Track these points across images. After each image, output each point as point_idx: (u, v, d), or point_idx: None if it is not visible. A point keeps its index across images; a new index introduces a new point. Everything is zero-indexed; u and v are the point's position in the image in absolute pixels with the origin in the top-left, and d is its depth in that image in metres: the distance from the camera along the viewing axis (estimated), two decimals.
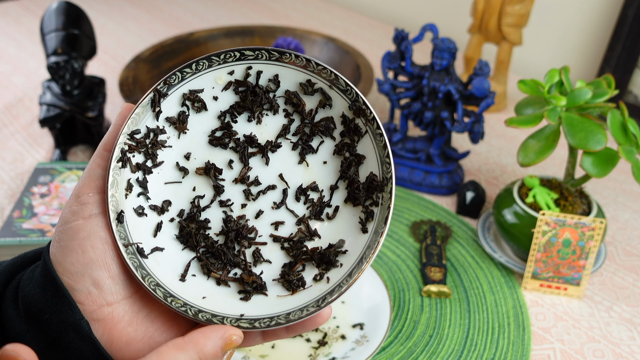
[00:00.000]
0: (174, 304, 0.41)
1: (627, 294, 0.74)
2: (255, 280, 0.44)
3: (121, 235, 0.41)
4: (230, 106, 0.47)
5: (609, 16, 1.17)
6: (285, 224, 0.46)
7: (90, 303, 0.40)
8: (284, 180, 0.47)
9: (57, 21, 0.92)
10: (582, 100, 0.68)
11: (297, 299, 0.43)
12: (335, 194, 0.47)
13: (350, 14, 1.61)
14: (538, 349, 0.66)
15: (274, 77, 0.46)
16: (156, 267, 0.43)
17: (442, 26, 1.35)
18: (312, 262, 0.45)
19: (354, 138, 0.46)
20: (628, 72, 1.10)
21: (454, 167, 0.91)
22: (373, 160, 0.45)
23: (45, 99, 0.92)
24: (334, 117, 0.47)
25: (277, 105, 0.47)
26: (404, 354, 0.65)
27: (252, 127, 0.47)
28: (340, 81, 0.45)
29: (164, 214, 0.45)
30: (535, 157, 0.70)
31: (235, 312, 0.42)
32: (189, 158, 0.46)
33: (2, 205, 0.84)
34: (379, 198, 0.45)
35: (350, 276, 0.43)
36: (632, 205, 0.90)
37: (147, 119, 0.44)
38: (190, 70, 0.45)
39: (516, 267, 0.75)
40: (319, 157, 0.47)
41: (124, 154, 0.43)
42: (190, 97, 0.46)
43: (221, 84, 0.46)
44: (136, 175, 0.44)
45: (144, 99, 0.44)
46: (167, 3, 1.65)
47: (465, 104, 0.85)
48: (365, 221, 0.45)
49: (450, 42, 0.84)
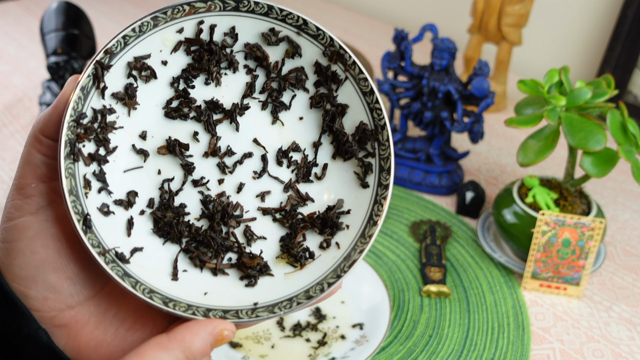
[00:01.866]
0: (177, 309, 0.36)
1: (626, 293, 0.74)
2: (259, 262, 0.40)
3: (93, 243, 0.36)
4: (183, 70, 0.41)
5: (609, 16, 1.17)
6: (272, 193, 0.42)
7: (48, 309, 0.36)
8: (260, 145, 0.42)
9: (57, 21, 0.92)
10: (581, 100, 0.68)
11: (309, 272, 0.39)
12: (320, 151, 0.42)
13: (350, 14, 1.61)
14: (537, 349, 0.66)
15: (230, 30, 0.41)
16: (141, 270, 0.37)
17: (441, 26, 1.35)
18: (314, 229, 0.41)
19: (331, 87, 0.41)
20: (628, 72, 1.10)
21: (453, 167, 0.91)
22: (359, 109, 0.41)
23: (45, 99, 0.92)
24: (305, 67, 0.42)
25: (236, 62, 0.41)
26: (404, 354, 0.65)
27: (211, 91, 0.42)
28: (310, 26, 0.40)
29: (131, 207, 0.40)
30: (535, 157, 0.70)
31: (247, 302, 0.38)
32: (146, 137, 0.40)
33: (2, 205, 0.84)
34: (374, 148, 0.40)
35: (363, 237, 0.39)
36: (631, 205, 0.90)
37: (91, 99, 0.38)
38: (133, 33, 0.38)
39: (516, 267, 0.75)
40: (294, 113, 0.42)
41: (73, 145, 0.36)
42: (136, 66, 0.39)
43: (169, 45, 0.40)
44: (91, 168, 0.38)
45: (84, 75, 0.37)
46: (167, 3, 1.65)
47: (465, 104, 0.85)
48: (364, 175, 0.41)
49: (450, 42, 0.84)
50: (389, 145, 0.40)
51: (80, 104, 0.37)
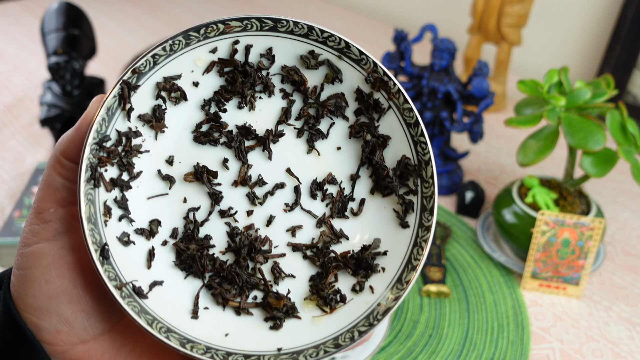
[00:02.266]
0: (195, 351, 0.33)
1: (625, 293, 0.74)
2: (286, 303, 0.37)
3: (110, 275, 0.34)
4: (215, 92, 0.39)
5: (609, 16, 1.17)
6: (304, 227, 0.39)
7: (60, 343, 0.34)
8: (293, 175, 0.39)
9: (57, 21, 0.92)
10: (581, 101, 0.68)
11: (339, 317, 0.36)
12: (357, 185, 0.39)
13: (350, 14, 1.61)
14: (537, 349, 0.66)
15: (266, 51, 0.38)
16: (160, 306, 0.35)
17: (441, 26, 1.35)
18: (347, 269, 0.38)
19: (373, 116, 0.38)
20: (627, 72, 1.11)
21: (453, 167, 0.91)
22: (402, 141, 0.38)
23: (45, 99, 0.92)
24: (346, 94, 0.39)
25: (272, 85, 0.39)
26: (404, 354, 0.65)
27: (244, 115, 0.39)
28: (353, 49, 0.37)
29: (153, 237, 0.37)
30: (535, 157, 0.70)
31: (270, 347, 0.35)
32: (173, 162, 0.38)
33: (3, 205, 0.84)
34: (417, 185, 0.37)
35: (400, 282, 0.36)
36: (631, 205, 0.90)
37: (116, 120, 0.36)
38: (163, 52, 0.36)
39: (515, 267, 0.75)
40: (331, 142, 0.40)
41: (95, 169, 0.34)
42: (166, 87, 0.37)
43: (202, 65, 0.38)
44: (113, 194, 0.35)
45: (110, 96, 0.35)
46: (168, 3, 1.65)
47: (464, 104, 0.86)
48: (404, 214, 0.38)
49: (450, 42, 0.85)
50: (433, 182, 0.36)
51: (104, 126, 0.35)
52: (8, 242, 0.74)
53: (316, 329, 0.36)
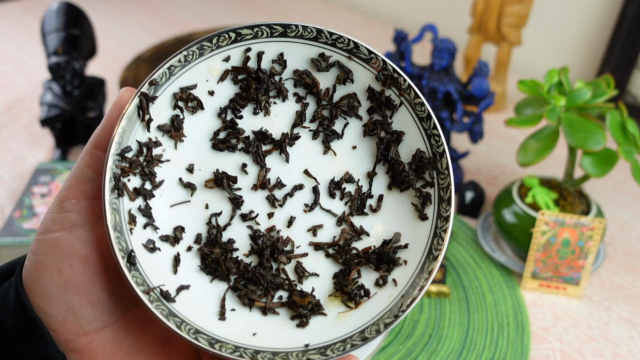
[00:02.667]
0: (223, 351, 0.34)
1: (626, 293, 0.74)
2: (311, 301, 0.38)
3: (138, 281, 0.35)
4: (231, 100, 0.40)
5: (608, 16, 1.17)
6: (324, 227, 0.40)
7: (65, 331, 0.35)
8: (311, 176, 0.40)
9: (57, 21, 0.92)
10: (581, 101, 0.68)
11: (364, 312, 0.37)
12: (375, 182, 0.40)
13: (350, 14, 1.61)
14: (537, 349, 0.66)
15: (278, 57, 0.39)
16: (188, 309, 0.36)
17: (441, 26, 1.35)
18: (370, 265, 0.39)
19: (385, 113, 0.39)
20: (627, 73, 1.11)
21: (453, 167, 0.91)
22: (416, 135, 0.39)
23: (45, 99, 0.92)
24: (358, 93, 0.40)
25: (285, 89, 0.40)
26: (404, 354, 0.65)
27: (260, 121, 0.40)
28: (362, 49, 0.38)
29: (178, 243, 0.38)
30: (535, 157, 0.70)
31: (298, 343, 0.36)
32: (193, 170, 0.39)
33: (3, 205, 0.84)
34: (433, 177, 0.38)
35: (422, 273, 0.37)
36: (631, 205, 0.90)
37: (136, 131, 0.37)
38: (178, 63, 0.37)
39: (515, 267, 0.75)
40: (347, 142, 0.41)
41: (118, 180, 0.35)
42: (183, 97, 0.38)
43: (216, 75, 0.39)
44: (137, 203, 0.37)
45: (129, 107, 0.36)
46: (168, 3, 1.65)
47: (464, 104, 0.86)
48: (422, 206, 0.38)
49: (450, 42, 0.85)
50: (449, 173, 0.37)
51: (125, 137, 0.36)
52: (8, 242, 0.74)
53: (342, 324, 0.37)
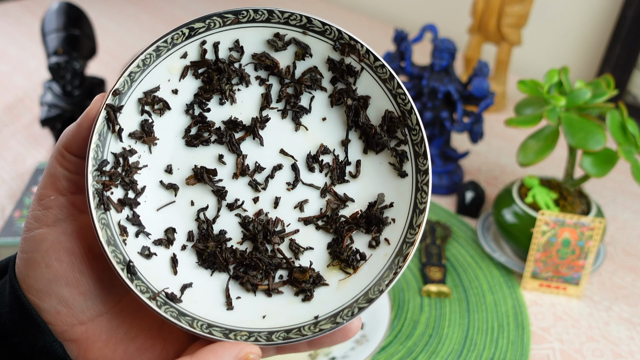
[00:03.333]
0: (239, 338, 0.35)
1: (626, 293, 0.74)
2: (311, 275, 0.39)
3: (142, 289, 0.35)
4: (195, 95, 0.40)
5: (608, 16, 1.17)
6: (310, 201, 0.41)
7: (60, 323, 0.36)
8: (287, 154, 0.41)
9: (57, 22, 0.92)
10: (581, 101, 0.68)
11: (364, 275, 0.38)
12: (350, 149, 0.41)
13: (350, 14, 1.61)
14: (537, 349, 0.66)
15: (234, 44, 0.39)
16: (195, 306, 0.37)
17: (441, 26, 1.35)
18: (360, 229, 0.40)
19: (349, 81, 0.40)
20: (627, 73, 1.11)
21: (453, 167, 0.91)
22: (382, 97, 0.39)
23: (46, 99, 0.92)
24: (318, 66, 0.40)
25: (247, 75, 0.40)
26: (404, 353, 0.65)
27: (228, 110, 0.40)
28: (315, 22, 0.39)
29: (172, 244, 0.39)
30: (535, 157, 0.70)
31: (307, 317, 0.37)
32: (172, 171, 0.40)
33: (3, 205, 0.84)
34: (405, 135, 0.39)
35: (412, 228, 0.37)
36: (631, 205, 0.90)
37: (109, 143, 0.37)
38: (137, 68, 0.37)
39: (515, 267, 0.75)
40: (316, 115, 0.41)
41: (101, 195, 0.36)
42: (148, 101, 0.38)
43: (176, 73, 0.39)
44: (124, 213, 0.37)
45: (98, 122, 0.36)
46: (168, 3, 1.65)
47: (464, 104, 0.86)
48: (400, 164, 0.39)
49: (450, 42, 0.85)
50: (420, 128, 0.38)
51: (100, 152, 0.36)
52: (8, 242, 0.74)
53: (346, 290, 0.38)
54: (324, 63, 0.40)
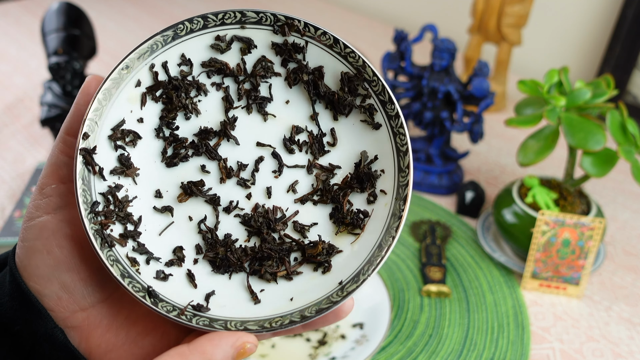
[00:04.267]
0: (275, 325, 0.36)
1: (626, 293, 0.74)
2: (323, 247, 0.40)
3: (168, 309, 0.36)
4: (160, 117, 0.41)
5: (609, 16, 1.17)
6: (300, 181, 0.42)
7: (61, 309, 0.36)
8: (264, 145, 0.42)
9: (57, 22, 0.92)
10: (581, 101, 0.68)
11: (372, 230, 0.39)
12: (321, 120, 0.42)
13: (350, 14, 1.61)
14: (537, 349, 0.66)
15: (182, 59, 0.41)
16: (224, 310, 0.38)
17: (441, 26, 1.35)
18: (355, 190, 0.41)
19: (298, 58, 0.41)
20: (627, 73, 1.11)
21: (453, 167, 0.91)
22: (333, 63, 0.41)
23: (46, 99, 0.92)
24: (266, 54, 0.42)
25: (202, 84, 0.41)
26: (404, 353, 0.65)
27: (195, 122, 0.42)
28: (249, 14, 0.40)
29: (184, 262, 0.40)
30: (535, 157, 0.70)
31: (332, 286, 0.38)
32: (161, 194, 0.41)
33: (3, 205, 0.84)
34: (367, 89, 0.40)
35: (402, 170, 0.39)
36: (631, 205, 0.90)
37: (94, 185, 0.38)
38: (100, 105, 0.38)
39: (515, 267, 0.75)
40: (278, 100, 0.42)
41: (102, 235, 0.37)
42: (118, 135, 0.39)
43: (136, 101, 0.40)
44: (129, 246, 0.38)
45: (78, 167, 0.36)
46: (168, 3, 1.65)
47: (464, 104, 0.86)
48: (371, 117, 0.41)
49: (450, 42, 0.85)
50: (378, 79, 0.39)
51: (88, 195, 0.37)
52: (8, 242, 0.74)
53: (360, 250, 0.39)
54: (270, 49, 0.41)
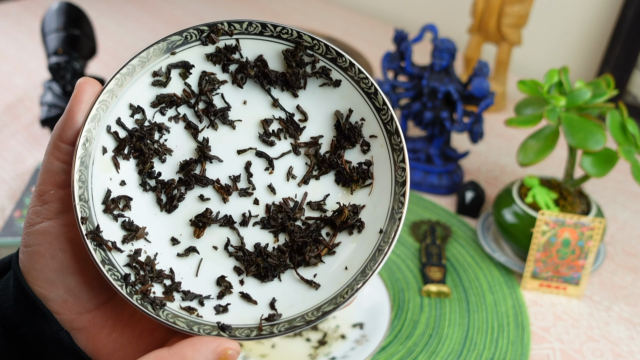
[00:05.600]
0: (347, 295, 0.37)
1: (626, 293, 0.74)
2: (348, 209, 0.41)
3: (246, 333, 0.37)
4: (139, 172, 0.41)
5: (608, 16, 1.17)
6: (293, 165, 0.43)
7: (67, 312, 0.37)
8: (245, 150, 0.43)
9: (57, 22, 0.92)
10: (581, 101, 0.68)
11: (380, 173, 0.41)
12: (283, 103, 0.43)
13: (350, 14, 1.61)
14: (537, 349, 0.66)
15: (131, 108, 0.40)
16: (293, 309, 0.39)
17: (441, 26, 1.35)
18: (346, 147, 0.42)
19: (235, 58, 0.42)
20: (627, 73, 1.11)
21: (453, 167, 0.91)
22: (270, 46, 0.41)
23: (46, 99, 0.92)
24: (205, 68, 0.42)
25: (161, 123, 0.41)
26: (404, 354, 0.65)
27: (172, 160, 0.42)
28: (173, 38, 0.40)
29: (232, 287, 0.40)
30: (535, 157, 0.70)
31: (375, 239, 0.39)
32: (177, 240, 0.41)
33: (3, 205, 0.84)
34: (311, 55, 0.41)
35: (379, 110, 0.40)
36: (631, 205, 0.90)
37: (115, 260, 0.38)
38: (82, 183, 0.37)
39: (515, 267, 0.75)
40: (236, 105, 0.43)
41: (148, 299, 0.37)
42: (110, 207, 0.39)
43: (110, 168, 0.39)
44: (177, 298, 0.39)
45: (94, 255, 0.36)
46: (168, 3, 1.65)
47: (464, 104, 0.86)
48: (328, 78, 0.42)
49: (450, 42, 0.85)
50: (318, 41, 0.40)
51: (116, 273, 0.37)
52: (8, 242, 0.74)
53: (380, 199, 0.41)
54: (206, 62, 0.42)
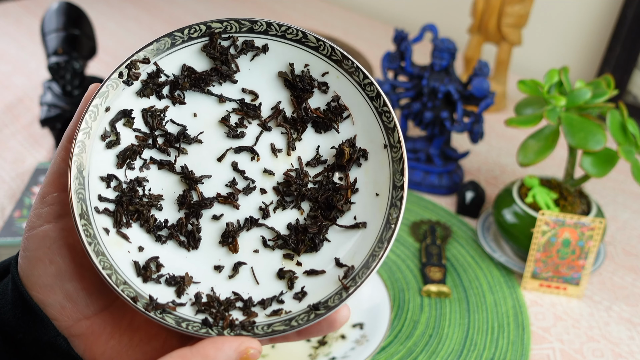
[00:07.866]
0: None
1: (626, 293, 0.74)
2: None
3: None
4: (147, 231, 0.40)
5: (609, 16, 1.17)
6: (274, 141, 0.43)
7: (65, 318, 0.36)
8: (223, 154, 0.42)
9: (57, 21, 0.92)
10: (581, 101, 0.68)
11: (353, 100, 0.41)
12: (226, 94, 0.42)
13: (350, 14, 1.61)
14: (537, 349, 0.66)
15: (104, 182, 0.39)
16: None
17: (442, 26, 1.35)
18: (308, 96, 0.42)
19: (160, 81, 0.41)
20: (627, 73, 1.11)
21: (453, 167, 0.91)
22: (186, 53, 0.41)
23: (45, 99, 0.92)
24: (139, 109, 0.41)
25: (138, 177, 0.40)
26: (404, 354, 0.65)
27: (168, 204, 0.41)
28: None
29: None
30: (535, 157, 0.70)
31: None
32: (221, 266, 0.41)
33: (3, 205, 0.84)
34: (229, 36, 0.41)
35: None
36: (631, 205, 0.90)
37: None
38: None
39: (516, 267, 0.75)
40: (189, 119, 0.42)
41: (237, 327, 0.37)
42: (144, 271, 0.38)
43: (120, 243, 0.38)
44: (261, 313, 0.38)
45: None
46: (167, 3, 1.65)
47: (465, 104, 0.86)
48: (254, 49, 0.42)
49: (450, 42, 0.85)
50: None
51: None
52: (8, 242, 0.74)
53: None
54: (141, 98, 0.41)
